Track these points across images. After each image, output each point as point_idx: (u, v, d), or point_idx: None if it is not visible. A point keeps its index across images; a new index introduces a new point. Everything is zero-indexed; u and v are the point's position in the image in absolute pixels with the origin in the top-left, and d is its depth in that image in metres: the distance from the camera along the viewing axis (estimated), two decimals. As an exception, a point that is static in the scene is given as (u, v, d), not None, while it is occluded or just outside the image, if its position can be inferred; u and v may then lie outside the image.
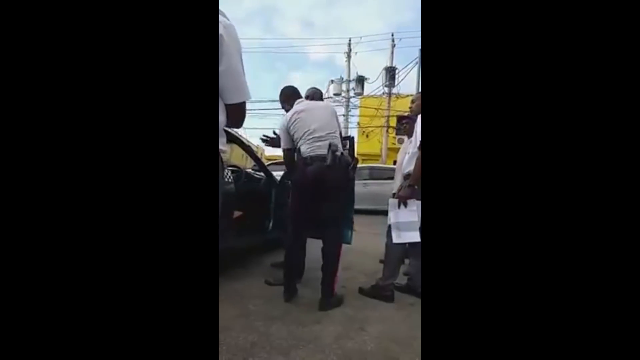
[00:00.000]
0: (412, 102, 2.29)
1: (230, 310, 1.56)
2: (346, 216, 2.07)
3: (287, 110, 1.97)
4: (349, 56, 11.82)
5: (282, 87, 2.06)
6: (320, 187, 1.72)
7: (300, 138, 1.78)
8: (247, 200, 2.52)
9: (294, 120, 1.80)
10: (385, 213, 2.24)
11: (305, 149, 1.76)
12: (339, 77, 11.72)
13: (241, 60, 0.68)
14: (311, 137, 1.74)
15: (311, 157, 1.72)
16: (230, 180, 2.13)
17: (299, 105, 1.88)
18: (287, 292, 1.79)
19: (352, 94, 11.67)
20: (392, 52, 11.11)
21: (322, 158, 1.69)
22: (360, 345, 1.33)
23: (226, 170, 2.15)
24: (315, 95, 2.10)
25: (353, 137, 2.22)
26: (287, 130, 1.83)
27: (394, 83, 10.80)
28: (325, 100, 2.03)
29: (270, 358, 1.19)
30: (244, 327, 1.41)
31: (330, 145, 1.69)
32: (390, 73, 10.77)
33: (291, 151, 1.87)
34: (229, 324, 1.40)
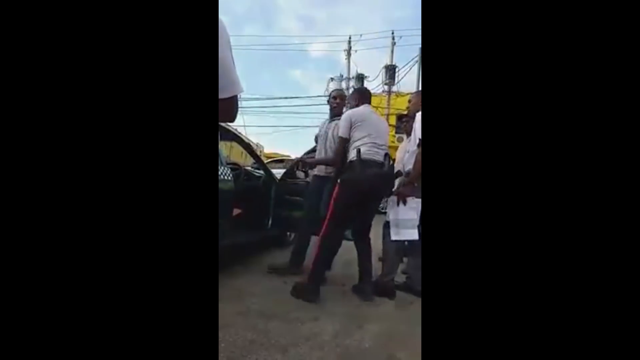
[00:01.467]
0: (409, 101, 2.30)
1: (229, 308, 1.56)
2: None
3: (350, 107, 2.10)
4: (349, 54, 11.79)
5: (358, 87, 2.23)
6: (374, 190, 1.84)
7: (360, 139, 1.84)
8: (246, 198, 2.52)
9: (362, 120, 1.89)
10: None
11: (364, 150, 1.81)
12: (338, 74, 11.70)
13: (231, 52, 0.66)
14: (372, 141, 1.84)
15: (370, 160, 1.80)
16: (229, 177, 2.12)
17: (367, 109, 2.01)
18: (312, 292, 1.75)
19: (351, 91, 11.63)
20: (392, 50, 11.09)
21: (380, 164, 1.81)
22: (359, 343, 1.33)
23: (225, 168, 2.14)
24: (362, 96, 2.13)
25: None
26: (351, 122, 1.89)
27: (394, 81, 10.79)
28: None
29: (268, 355, 1.19)
30: (243, 324, 1.42)
31: (386, 154, 1.85)
32: (390, 71, 10.75)
33: (346, 142, 1.92)
34: (228, 322, 1.40)
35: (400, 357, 1.25)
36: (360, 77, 11.40)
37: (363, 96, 2.09)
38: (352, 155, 1.84)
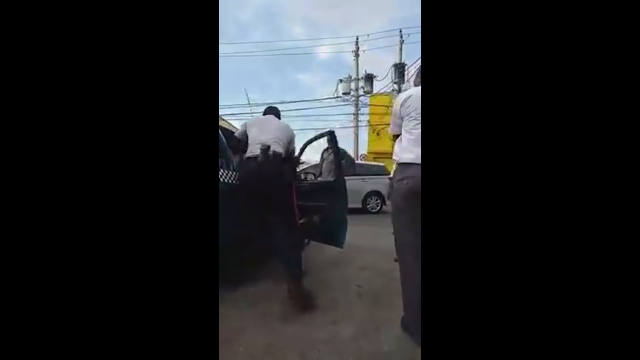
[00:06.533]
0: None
1: (246, 312, 1.57)
2: (337, 217, 2.18)
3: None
4: (357, 54, 11.75)
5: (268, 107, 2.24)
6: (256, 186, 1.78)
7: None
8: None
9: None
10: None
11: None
12: (347, 76, 11.66)
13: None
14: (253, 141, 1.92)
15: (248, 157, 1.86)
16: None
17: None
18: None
19: (361, 92, 11.59)
20: (401, 49, 10.99)
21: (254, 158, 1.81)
22: (377, 346, 1.32)
23: (235, 173, 2.16)
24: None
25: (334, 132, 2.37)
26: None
27: (404, 80, 10.68)
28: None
29: (286, 359, 1.20)
30: (261, 328, 1.42)
31: (267, 147, 1.79)
32: (400, 70, 10.64)
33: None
34: (246, 325, 1.42)
35: (420, 360, 1.23)
36: (370, 77, 11.33)
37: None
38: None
